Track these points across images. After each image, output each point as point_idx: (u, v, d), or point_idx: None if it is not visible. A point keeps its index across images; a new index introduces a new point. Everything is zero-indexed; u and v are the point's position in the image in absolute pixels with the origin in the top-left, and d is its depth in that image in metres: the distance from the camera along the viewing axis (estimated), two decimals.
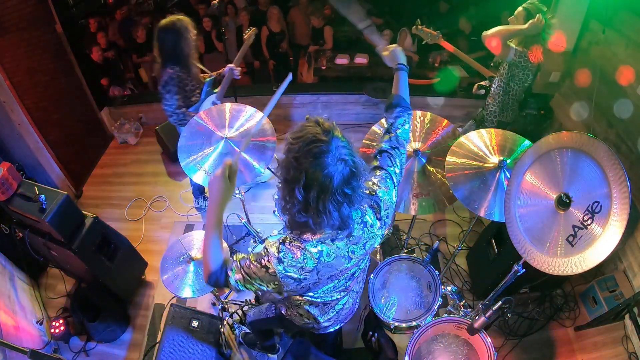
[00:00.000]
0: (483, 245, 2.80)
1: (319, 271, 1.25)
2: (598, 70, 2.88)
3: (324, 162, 1.07)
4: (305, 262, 1.22)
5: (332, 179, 1.08)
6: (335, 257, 1.25)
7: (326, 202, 1.10)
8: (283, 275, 1.22)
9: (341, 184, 1.10)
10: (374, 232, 1.33)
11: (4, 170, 2.28)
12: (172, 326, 2.40)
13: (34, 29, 3.48)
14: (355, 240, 1.29)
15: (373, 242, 1.35)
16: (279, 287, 1.26)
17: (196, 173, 2.21)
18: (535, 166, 1.68)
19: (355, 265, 1.37)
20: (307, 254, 1.21)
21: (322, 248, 1.23)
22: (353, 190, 1.13)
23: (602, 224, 1.40)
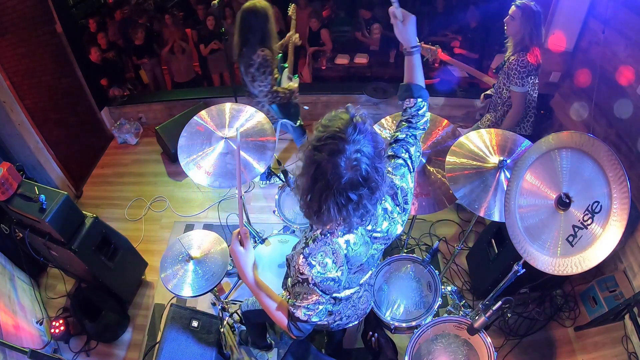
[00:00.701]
0: (483, 245, 2.80)
1: (348, 261, 1.26)
2: (598, 70, 2.88)
3: (336, 161, 1.04)
4: (336, 256, 1.21)
5: (339, 180, 1.05)
6: (362, 244, 1.28)
7: (328, 200, 1.08)
8: (321, 279, 1.20)
9: (347, 188, 1.07)
10: (394, 218, 1.37)
11: (4, 170, 2.28)
12: (172, 326, 2.40)
13: (34, 29, 3.48)
14: (377, 229, 1.33)
15: (394, 228, 1.38)
16: (329, 295, 1.27)
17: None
18: (535, 166, 1.68)
19: (378, 251, 1.41)
20: (336, 246, 1.21)
21: (348, 237, 1.23)
22: (359, 198, 1.09)
23: (602, 224, 1.40)
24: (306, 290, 1.24)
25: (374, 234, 1.33)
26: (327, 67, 5.10)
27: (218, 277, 2.24)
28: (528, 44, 2.50)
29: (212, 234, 2.44)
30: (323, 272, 1.20)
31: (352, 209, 1.11)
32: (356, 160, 1.05)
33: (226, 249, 2.36)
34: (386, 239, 1.39)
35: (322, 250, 1.20)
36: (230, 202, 3.65)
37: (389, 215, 1.35)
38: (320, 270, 1.20)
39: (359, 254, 1.28)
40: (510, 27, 2.53)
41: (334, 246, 1.21)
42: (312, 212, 1.15)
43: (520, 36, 2.50)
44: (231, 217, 3.47)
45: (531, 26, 2.45)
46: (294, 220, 2.60)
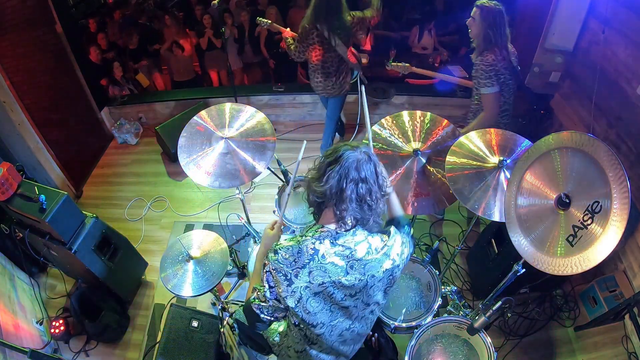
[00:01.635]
0: (483, 245, 2.80)
1: (310, 271, 1.23)
2: (598, 70, 2.88)
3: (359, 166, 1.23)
4: (299, 255, 1.24)
5: (359, 171, 1.22)
6: (331, 263, 1.24)
7: (342, 179, 1.22)
8: (275, 266, 1.24)
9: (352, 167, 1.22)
10: (377, 258, 1.30)
11: (4, 170, 2.28)
12: (172, 326, 2.40)
13: (34, 29, 3.48)
14: (357, 257, 1.27)
15: (374, 270, 1.29)
16: (277, 289, 1.25)
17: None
18: (535, 166, 1.68)
19: (351, 294, 1.30)
20: (304, 247, 1.24)
21: (319, 247, 1.23)
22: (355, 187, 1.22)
23: (602, 224, 1.39)
24: (262, 275, 1.31)
25: (354, 262, 1.26)
26: None
27: (218, 277, 2.24)
28: (491, 44, 2.45)
29: (212, 234, 2.44)
30: (279, 261, 1.25)
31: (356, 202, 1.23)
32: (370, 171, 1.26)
33: (226, 248, 2.36)
34: (363, 285, 1.29)
35: (291, 246, 1.26)
36: (230, 202, 3.65)
37: (372, 251, 1.29)
38: (279, 260, 1.25)
39: (325, 269, 1.23)
40: (472, 28, 2.49)
41: (302, 245, 1.24)
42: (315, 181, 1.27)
43: (482, 37, 2.46)
44: (231, 217, 3.47)
45: (491, 26, 2.40)
46: (294, 220, 2.60)
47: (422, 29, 4.82)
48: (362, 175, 1.22)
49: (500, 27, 2.42)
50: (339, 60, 3.22)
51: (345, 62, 3.27)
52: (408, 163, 2.14)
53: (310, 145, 4.15)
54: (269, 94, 4.48)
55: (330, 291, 1.26)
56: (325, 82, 3.32)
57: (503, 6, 2.42)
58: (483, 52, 2.47)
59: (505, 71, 2.50)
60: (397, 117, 2.26)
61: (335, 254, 1.24)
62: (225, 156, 2.26)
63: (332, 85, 3.34)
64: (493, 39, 2.43)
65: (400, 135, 2.21)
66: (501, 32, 2.43)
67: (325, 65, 3.23)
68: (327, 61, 3.20)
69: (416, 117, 2.26)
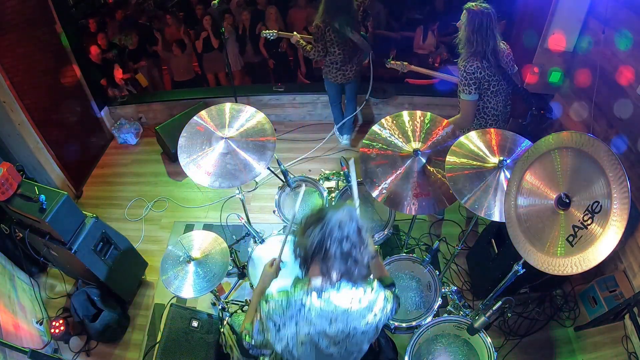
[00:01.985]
0: (483, 245, 2.80)
1: (297, 322, 1.28)
2: (598, 70, 2.88)
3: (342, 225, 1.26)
4: (287, 307, 1.29)
5: (342, 230, 1.25)
6: (317, 315, 1.28)
7: (325, 239, 1.25)
8: (265, 314, 1.30)
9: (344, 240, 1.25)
10: (360, 310, 1.32)
11: (4, 170, 2.28)
12: (172, 326, 2.40)
13: (34, 29, 3.48)
14: (341, 309, 1.30)
15: (357, 322, 1.32)
16: (266, 334, 1.32)
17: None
18: (535, 166, 1.68)
19: (334, 342, 1.33)
20: (292, 300, 1.29)
21: (306, 301, 1.28)
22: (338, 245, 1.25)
23: (602, 224, 1.39)
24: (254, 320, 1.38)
25: (327, 328, 1.29)
26: None
27: (218, 277, 2.24)
28: (474, 49, 2.39)
29: (212, 235, 2.44)
30: (270, 312, 1.30)
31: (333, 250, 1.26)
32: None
33: (226, 249, 2.36)
34: (345, 337, 1.33)
35: (281, 299, 1.31)
36: (230, 202, 3.64)
37: (358, 303, 1.31)
38: (270, 310, 1.30)
39: (311, 321, 1.28)
40: (459, 32, 2.44)
41: (291, 299, 1.29)
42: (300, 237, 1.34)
43: (465, 41, 2.41)
44: (231, 217, 3.47)
45: (475, 30, 2.34)
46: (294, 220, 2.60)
47: (427, 30, 4.82)
48: (345, 233, 1.26)
49: (486, 31, 2.34)
50: (354, 46, 3.46)
51: (359, 47, 3.49)
52: (408, 163, 2.14)
53: (311, 145, 4.19)
54: (269, 94, 4.48)
55: (315, 340, 1.31)
56: (345, 68, 3.57)
57: (493, 9, 2.34)
58: (467, 59, 2.44)
59: (490, 79, 2.47)
60: (397, 117, 2.26)
61: (321, 308, 1.28)
62: (225, 156, 2.26)
63: (350, 69, 3.59)
64: (476, 44, 2.37)
65: (400, 135, 2.21)
66: (487, 36, 2.35)
67: (345, 54, 3.46)
68: (346, 50, 3.44)
69: (416, 117, 2.26)
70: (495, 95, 2.58)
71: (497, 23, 2.37)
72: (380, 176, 2.13)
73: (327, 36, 3.33)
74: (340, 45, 3.40)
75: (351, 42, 3.41)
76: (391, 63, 3.13)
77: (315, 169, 3.94)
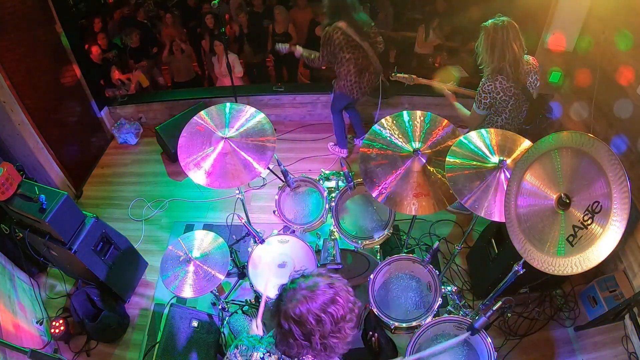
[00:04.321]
0: (483, 245, 2.80)
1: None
2: (598, 70, 2.88)
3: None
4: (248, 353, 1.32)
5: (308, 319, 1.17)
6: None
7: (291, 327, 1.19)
8: (230, 355, 1.35)
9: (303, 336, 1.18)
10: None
11: (4, 170, 2.28)
12: (172, 326, 2.40)
13: (34, 29, 3.48)
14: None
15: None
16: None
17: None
18: (536, 166, 1.68)
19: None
20: (254, 353, 1.31)
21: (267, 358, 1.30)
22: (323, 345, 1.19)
23: (602, 224, 1.39)
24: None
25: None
26: (328, 67, 5.09)
27: (218, 277, 2.24)
28: (496, 66, 2.36)
29: (212, 234, 2.44)
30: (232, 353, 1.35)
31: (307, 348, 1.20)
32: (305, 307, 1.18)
33: (226, 249, 2.36)
34: None
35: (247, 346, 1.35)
36: (230, 202, 3.64)
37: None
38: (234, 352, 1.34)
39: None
40: (479, 50, 2.43)
41: (255, 351, 1.32)
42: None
43: (482, 58, 2.42)
44: (231, 217, 3.47)
45: (491, 46, 2.33)
46: (294, 220, 2.60)
47: (428, 28, 4.83)
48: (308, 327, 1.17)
49: (502, 46, 2.31)
50: (367, 56, 3.31)
51: (371, 61, 3.34)
52: (408, 163, 2.14)
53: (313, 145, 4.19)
54: (269, 94, 4.48)
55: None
56: (362, 79, 3.39)
57: (509, 20, 2.29)
58: (487, 76, 2.43)
59: (509, 99, 2.45)
60: (397, 117, 2.26)
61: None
62: (225, 156, 2.26)
63: (367, 81, 3.44)
64: (493, 61, 2.37)
65: (400, 135, 2.21)
66: (503, 51, 2.32)
67: (357, 63, 3.30)
68: (358, 58, 3.28)
69: (416, 117, 2.26)
70: (511, 112, 2.55)
71: (516, 34, 2.31)
72: (380, 176, 2.13)
73: (335, 40, 3.15)
74: (350, 49, 3.22)
75: (362, 49, 3.25)
76: (397, 76, 3.01)
77: (315, 169, 3.94)
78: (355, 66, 3.32)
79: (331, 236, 2.44)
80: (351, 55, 3.26)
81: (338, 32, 3.13)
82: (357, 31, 3.14)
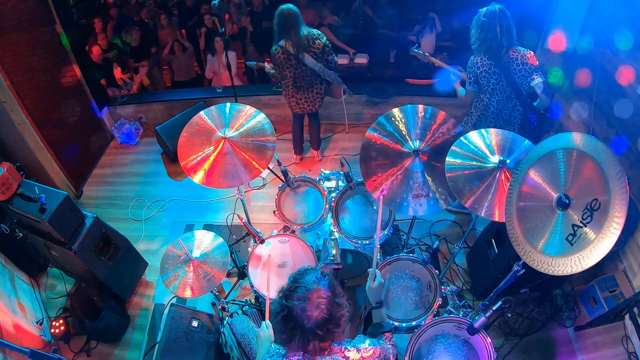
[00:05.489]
0: (483, 245, 2.80)
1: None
2: (598, 70, 2.88)
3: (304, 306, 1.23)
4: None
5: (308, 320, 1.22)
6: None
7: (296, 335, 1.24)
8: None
9: (314, 326, 1.23)
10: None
11: (4, 170, 2.28)
12: (172, 326, 2.40)
13: (34, 29, 3.48)
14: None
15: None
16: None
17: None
18: (536, 166, 1.68)
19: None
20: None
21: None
22: (327, 333, 1.25)
23: (601, 221, 1.40)
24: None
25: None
26: None
27: (218, 277, 2.24)
28: (480, 48, 2.59)
29: (212, 234, 2.44)
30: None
31: (318, 342, 1.26)
32: (319, 303, 1.24)
33: (226, 249, 2.36)
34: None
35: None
36: (230, 202, 3.64)
37: None
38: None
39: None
40: (472, 32, 2.65)
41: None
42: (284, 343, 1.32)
43: (473, 39, 2.62)
44: (231, 217, 3.47)
45: (482, 30, 2.53)
46: (294, 220, 2.60)
47: (425, 25, 4.84)
48: (326, 313, 1.23)
49: (489, 30, 2.50)
50: (310, 74, 3.27)
51: (319, 77, 3.32)
52: (408, 163, 2.14)
53: (308, 145, 4.19)
54: (269, 94, 4.48)
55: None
56: (298, 97, 3.41)
57: (502, 9, 2.46)
58: (473, 54, 2.66)
59: (490, 77, 2.63)
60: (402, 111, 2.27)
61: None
62: (225, 156, 2.26)
63: (305, 100, 3.42)
64: (480, 42, 2.56)
65: (403, 132, 2.21)
66: (491, 35, 2.50)
67: (296, 81, 3.30)
68: (297, 76, 3.27)
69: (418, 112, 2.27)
70: (494, 93, 2.69)
71: (504, 24, 2.48)
72: (380, 176, 2.13)
73: (278, 59, 3.18)
74: (291, 68, 3.21)
75: (305, 67, 3.20)
76: (414, 51, 3.15)
77: (315, 169, 3.94)
78: (293, 84, 3.33)
79: (331, 236, 2.44)
80: (291, 74, 3.26)
81: (279, 52, 3.14)
82: (298, 48, 3.10)
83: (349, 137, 4.35)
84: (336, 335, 1.29)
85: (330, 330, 1.25)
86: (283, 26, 3.06)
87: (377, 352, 1.40)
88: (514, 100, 2.69)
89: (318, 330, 1.23)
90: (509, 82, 2.61)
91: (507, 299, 1.77)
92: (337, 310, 1.27)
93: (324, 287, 1.27)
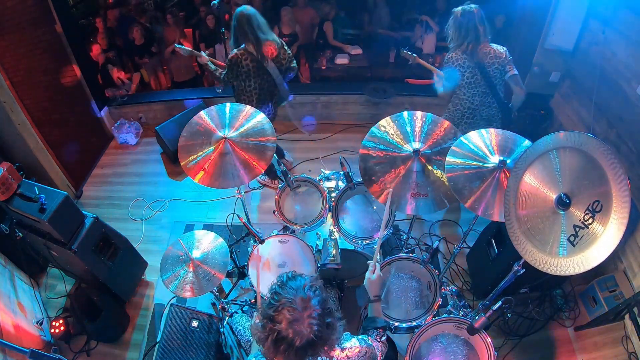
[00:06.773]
0: (483, 245, 2.80)
1: None
2: (598, 70, 2.88)
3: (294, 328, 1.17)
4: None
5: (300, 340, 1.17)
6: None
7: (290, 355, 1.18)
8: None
9: (306, 346, 1.18)
10: None
11: (4, 170, 2.28)
12: (172, 326, 2.40)
13: (34, 29, 3.48)
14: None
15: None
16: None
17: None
18: (535, 166, 1.67)
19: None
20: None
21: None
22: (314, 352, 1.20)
23: (603, 222, 1.39)
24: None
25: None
26: (327, 67, 5.10)
27: (218, 277, 2.24)
28: (457, 43, 2.68)
29: (212, 234, 2.44)
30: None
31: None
32: (310, 323, 1.18)
33: (226, 249, 2.36)
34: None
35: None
36: (230, 202, 3.64)
37: None
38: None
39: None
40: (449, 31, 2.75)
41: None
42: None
43: (450, 37, 2.73)
44: (231, 217, 3.47)
45: (456, 29, 2.65)
46: (294, 220, 2.60)
47: (427, 25, 4.84)
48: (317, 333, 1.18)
49: (465, 29, 2.60)
50: (273, 84, 3.10)
51: (276, 86, 3.13)
52: (408, 163, 2.14)
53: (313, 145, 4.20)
54: None
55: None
56: (261, 108, 3.01)
57: (477, 9, 2.57)
58: (449, 51, 2.76)
59: (464, 70, 2.71)
60: (397, 117, 2.26)
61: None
62: (225, 156, 2.26)
63: (267, 113, 3.02)
64: (455, 40, 2.67)
65: (399, 136, 2.21)
66: (466, 33, 2.60)
67: (261, 92, 3.08)
68: (263, 86, 3.06)
69: (417, 117, 2.26)
70: (469, 87, 2.77)
71: (481, 22, 2.58)
72: (380, 175, 2.13)
73: (242, 66, 2.90)
74: (257, 78, 2.97)
75: (268, 77, 3.01)
76: (403, 52, 3.21)
77: (315, 169, 3.94)
78: (257, 97, 3.09)
79: (331, 236, 2.44)
80: (257, 84, 3.03)
81: (247, 59, 2.88)
82: (265, 57, 2.91)
83: (348, 137, 4.35)
84: (328, 345, 1.24)
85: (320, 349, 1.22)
86: (249, 28, 2.79)
87: (362, 350, 1.38)
88: (490, 95, 2.76)
89: (310, 349, 1.19)
90: (483, 76, 2.68)
91: (507, 299, 1.77)
92: (327, 333, 1.21)
93: (314, 305, 1.20)
